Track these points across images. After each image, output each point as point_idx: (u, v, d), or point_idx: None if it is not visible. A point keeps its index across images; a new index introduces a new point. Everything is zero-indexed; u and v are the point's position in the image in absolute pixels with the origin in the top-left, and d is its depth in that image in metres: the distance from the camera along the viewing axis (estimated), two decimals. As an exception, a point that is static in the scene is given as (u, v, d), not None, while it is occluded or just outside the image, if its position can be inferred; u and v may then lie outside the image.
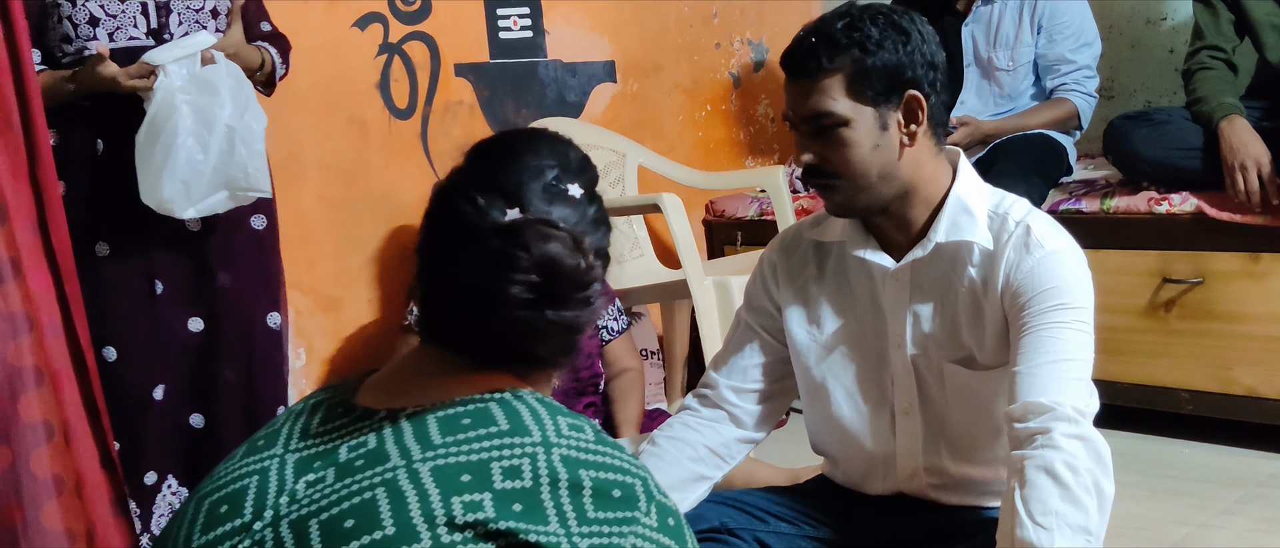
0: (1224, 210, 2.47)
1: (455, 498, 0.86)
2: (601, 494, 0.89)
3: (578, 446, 0.91)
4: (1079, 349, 1.30)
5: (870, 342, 1.46)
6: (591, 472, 0.90)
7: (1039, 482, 1.20)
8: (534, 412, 0.93)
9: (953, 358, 1.41)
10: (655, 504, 0.91)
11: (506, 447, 0.89)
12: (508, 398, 0.94)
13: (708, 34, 3.58)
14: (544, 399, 0.96)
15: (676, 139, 3.50)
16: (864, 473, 1.53)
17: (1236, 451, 2.53)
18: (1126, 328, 2.64)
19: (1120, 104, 3.33)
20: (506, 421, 0.91)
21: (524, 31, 3.15)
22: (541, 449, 0.89)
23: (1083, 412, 1.26)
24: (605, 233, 1.04)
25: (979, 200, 1.39)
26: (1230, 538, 2.09)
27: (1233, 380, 2.53)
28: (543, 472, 0.88)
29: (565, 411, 0.95)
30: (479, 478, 0.87)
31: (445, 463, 0.88)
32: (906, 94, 1.34)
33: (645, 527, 0.90)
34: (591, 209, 1.03)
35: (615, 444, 0.95)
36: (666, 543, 0.91)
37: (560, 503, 0.88)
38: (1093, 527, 1.19)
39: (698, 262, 2.64)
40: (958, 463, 1.45)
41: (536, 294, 0.92)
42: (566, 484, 0.88)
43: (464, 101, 3.04)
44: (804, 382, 1.53)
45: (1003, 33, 2.94)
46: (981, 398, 1.40)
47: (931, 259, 1.40)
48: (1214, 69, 2.56)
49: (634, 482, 0.91)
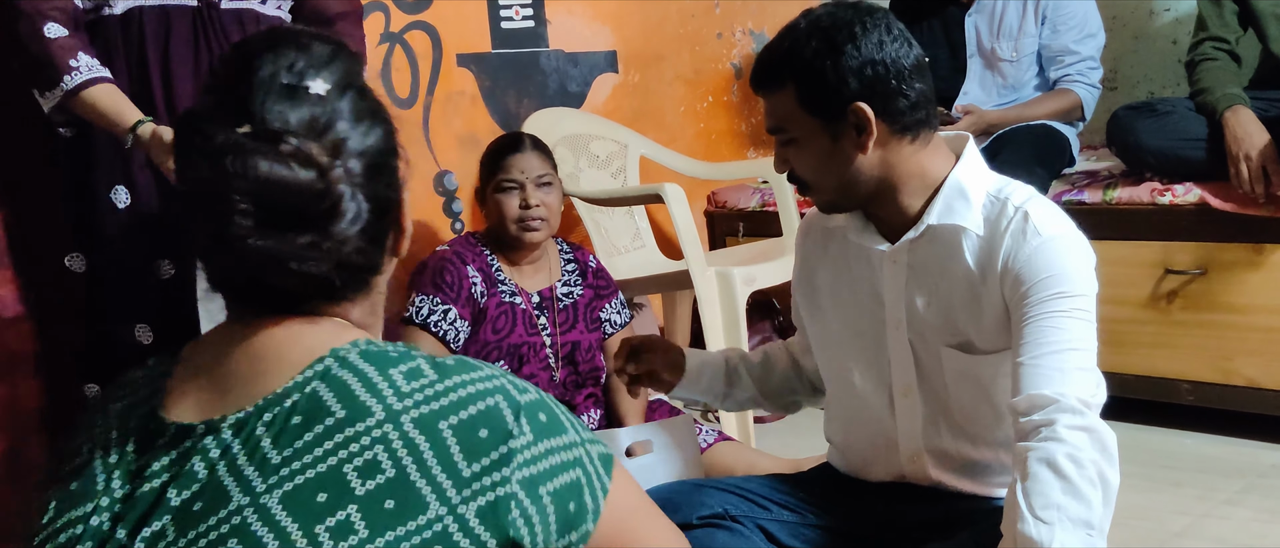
0: (1227, 201, 2.47)
1: (319, 527, 0.77)
2: (468, 443, 0.81)
3: (425, 397, 0.82)
4: (1081, 338, 1.30)
5: (869, 324, 1.48)
6: (450, 419, 0.81)
7: (1041, 475, 1.20)
8: (365, 379, 0.82)
9: (949, 342, 1.41)
10: (522, 413, 0.84)
11: (352, 440, 0.79)
12: (331, 369, 0.83)
13: (709, 25, 3.57)
14: (369, 350, 0.85)
15: (678, 130, 3.50)
16: (867, 457, 1.54)
17: (1238, 441, 2.53)
18: (1128, 319, 2.63)
19: (1123, 95, 3.33)
20: (341, 405, 0.80)
21: (526, 22, 3.14)
22: (390, 426, 0.80)
23: (1088, 403, 1.25)
24: (373, 127, 0.89)
25: (977, 185, 1.39)
26: (1231, 529, 2.09)
27: (1234, 372, 2.53)
28: (401, 452, 0.79)
29: (392, 355, 0.84)
30: (336, 492, 0.77)
31: (294, 486, 0.78)
32: (850, 108, 1.34)
33: (524, 453, 0.83)
34: (343, 103, 0.88)
35: (459, 363, 0.86)
36: (548, 451, 0.84)
37: (433, 477, 0.79)
38: (1095, 520, 1.19)
39: (699, 252, 2.64)
40: (959, 444, 1.45)
41: (261, 222, 0.81)
42: (430, 452, 0.80)
43: (465, 92, 3.04)
44: (820, 362, 1.59)
45: (1006, 23, 2.93)
46: (980, 382, 1.40)
47: (927, 242, 1.40)
48: (1217, 60, 2.56)
49: (494, 402, 0.83)
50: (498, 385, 0.85)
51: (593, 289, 2.54)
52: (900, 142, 1.37)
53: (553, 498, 0.84)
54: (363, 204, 0.86)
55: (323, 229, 0.84)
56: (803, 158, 1.40)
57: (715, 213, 3.47)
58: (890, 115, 1.35)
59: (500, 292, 2.40)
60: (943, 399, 1.44)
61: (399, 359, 0.84)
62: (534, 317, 2.43)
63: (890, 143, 1.37)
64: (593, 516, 0.87)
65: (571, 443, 0.87)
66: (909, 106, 1.36)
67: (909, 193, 1.39)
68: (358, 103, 0.89)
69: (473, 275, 2.35)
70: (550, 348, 2.44)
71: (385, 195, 0.89)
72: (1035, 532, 1.17)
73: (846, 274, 1.51)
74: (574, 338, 2.46)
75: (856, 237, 1.45)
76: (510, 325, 2.40)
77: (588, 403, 2.50)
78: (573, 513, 0.85)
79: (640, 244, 3.21)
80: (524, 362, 2.40)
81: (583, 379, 2.49)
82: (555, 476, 0.84)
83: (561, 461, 0.85)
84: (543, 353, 2.43)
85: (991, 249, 1.36)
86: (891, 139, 1.37)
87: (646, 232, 3.24)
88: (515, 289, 2.42)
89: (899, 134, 1.37)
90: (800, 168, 1.41)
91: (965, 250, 1.38)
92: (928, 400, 1.45)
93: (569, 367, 2.46)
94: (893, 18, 1.38)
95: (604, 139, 3.18)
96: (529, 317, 2.42)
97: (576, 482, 0.86)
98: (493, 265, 2.41)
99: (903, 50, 1.36)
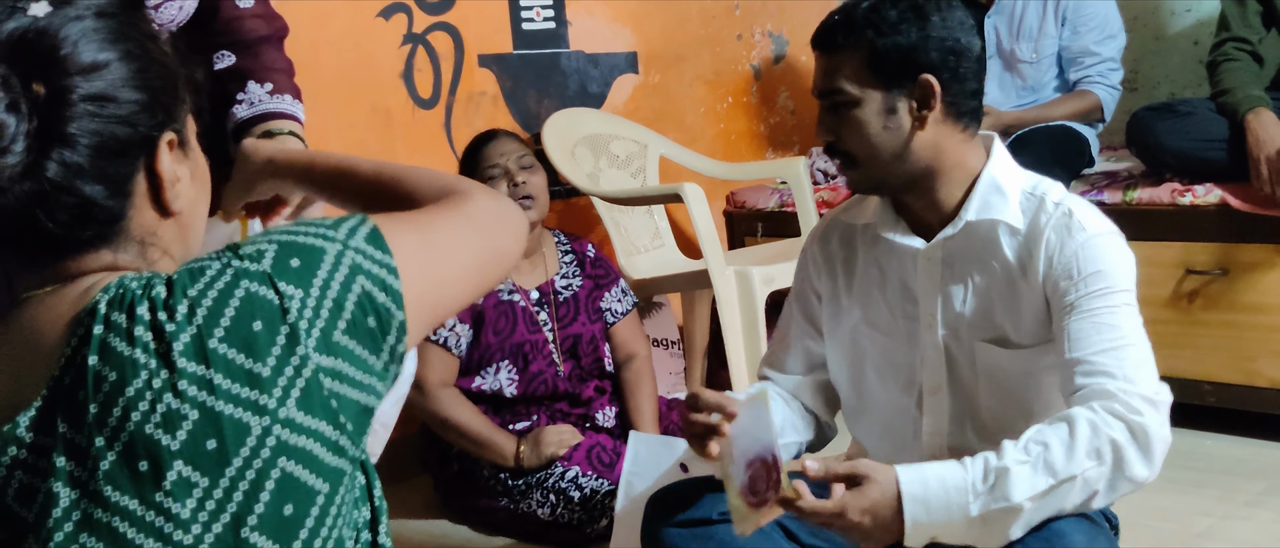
0: (1249, 202, 2.46)
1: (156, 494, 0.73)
2: (249, 344, 0.75)
3: (179, 324, 0.75)
4: (1135, 333, 1.31)
5: (900, 323, 1.47)
6: (217, 333, 0.75)
7: (1058, 424, 1.22)
8: (120, 331, 0.75)
9: (985, 337, 1.41)
10: (273, 278, 0.77)
11: (138, 399, 0.74)
12: (89, 326, 0.76)
13: (729, 26, 3.58)
14: (115, 295, 0.77)
15: (698, 131, 3.51)
16: (892, 456, 1.53)
17: (1260, 443, 2.53)
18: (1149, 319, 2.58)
19: (1143, 96, 3.32)
20: (110, 367, 0.74)
21: (547, 23, 3.16)
22: (165, 370, 0.74)
23: (1151, 399, 1.24)
24: (102, 53, 0.80)
25: (1012, 181, 1.40)
26: (1253, 530, 2.09)
27: (1256, 373, 2.52)
28: (191, 390, 0.74)
29: (133, 290, 0.77)
30: (153, 455, 0.73)
31: (109, 464, 0.73)
32: (919, 78, 1.34)
33: (304, 314, 0.77)
34: (71, 27, 0.80)
35: (188, 272, 0.79)
36: (323, 289, 0.79)
37: (235, 396, 0.75)
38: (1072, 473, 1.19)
39: (719, 252, 2.64)
40: (983, 445, 1.44)
41: None
42: (222, 375, 0.74)
43: (487, 92, 3.06)
44: (837, 365, 1.55)
45: (1026, 25, 2.93)
46: (1012, 377, 1.40)
47: (963, 238, 1.40)
48: (1239, 61, 2.55)
49: (243, 288, 0.77)
50: (236, 271, 0.78)
51: (592, 279, 2.55)
52: (954, 127, 1.37)
53: (349, 332, 0.79)
54: (51, 136, 0.77)
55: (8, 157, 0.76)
56: (850, 127, 1.37)
57: (734, 213, 3.47)
58: (954, 97, 1.36)
59: (497, 291, 2.41)
60: (972, 399, 1.44)
61: (142, 295, 0.77)
62: (534, 313, 2.44)
63: (945, 126, 1.37)
64: (396, 304, 0.81)
65: (337, 257, 0.80)
66: (971, 93, 1.37)
67: (950, 183, 1.39)
68: (86, 27, 0.80)
69: None
70: (553, 343, 2.45)
71: (111, 132, 0.80)
72: (1008, 452, 1.21)
73: (875, 272, 1.49)
74: (576, 331, 2.47)
75: (889, 233, 1.44)
76: (511, 326, 2.41)
77: (598, 397, 2.50)
78: (375, 327, 0.80)
79: (660, 244, 3.22)
80: (529, 360, 2.41)
81: (587, 372, 2.50)
82: (343, 308, 0.79)
83: (340, 283, 0.79)
84: (547, 349, 2.44)
85: (1032, 245, 1.36)
86: (947, 122, 1.37)
87: (666, 231, 3.25)
88: (512, 287, 2.44)
89: (955, 119, 1.37)
90: (846, 137, 1.38)
91: (1005, 246, 1.38)
92: (956, 400, 1.45)
93: (572, 360, 2.47)
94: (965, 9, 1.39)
95: (624, 139, 3.19)
96: (529, 314, 2.44)
97: (364, 292, 0.80)
98: None
99: (975, 39, 1.37)
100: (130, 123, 0.81)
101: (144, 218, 0.85)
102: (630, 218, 3.14)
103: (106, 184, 0.81)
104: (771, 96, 3.70)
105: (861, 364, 1.51)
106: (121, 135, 0.81)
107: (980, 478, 1.21)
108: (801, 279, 1.58)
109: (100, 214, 0.81)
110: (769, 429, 1.24)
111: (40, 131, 0.78)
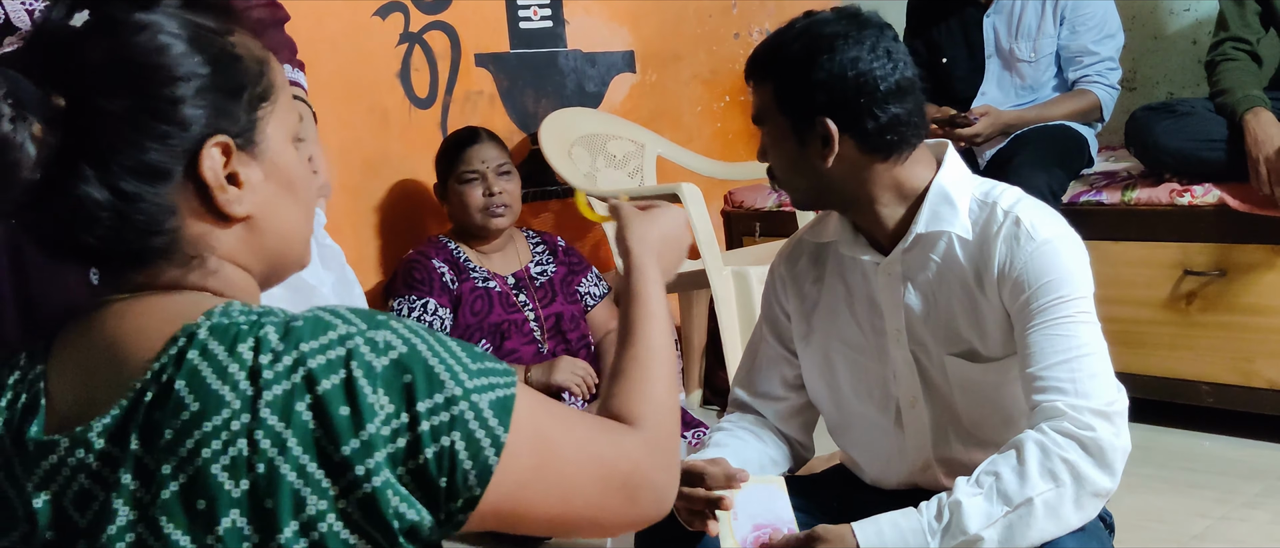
0: (1247, 203, 2.45)
1: (209, 537, 0.71)
2: (330, 422, 0.72)
3: (276, 375, 0.73)
4: (1089, 342, 1.30)
5: (870, 338, 1.46)
6: (307, 400, 0.73)
7: (1007, 452, 1.26)
8: (214, 362, 0.73)
9: (953, 351, 1.40)
10: (377, 380, 0.74)
11: (212, 436, 0.72)
12: (183, 351, 0.74)
13: (727, 25, 3.57)
14: (218, 323, 0.75)
15: (695, 130, 3.50)
16: (880, 469, 1.53)
17: (1257, 443, 2.52)
18: (1147, 320, 2.62)
19: (1142, 95, 3.31)
20: (194, 396, 0.72)
21: (544, 22, 3.15)
22: (247, 416, 0.72)
23: (1102, 412, 1.26)
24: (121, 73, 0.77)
25: (962, 190, 1.38)
26: (1250, 531, 2.08)
27: (1254, 373, 2.51)
28: (265, 444, 0.72)
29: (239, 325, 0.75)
30: (212, 497, 0.71)
31: (170, 494, 0.72)
32: (816, 120, 1.33)
33: (383, 430, 0.73)
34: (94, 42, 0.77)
35: (311, 323, 0.76)
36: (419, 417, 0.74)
37: (303, 468, 0.72)
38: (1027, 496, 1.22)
39: (716, 252, 2.64)
40: (970, 451, 1.44)
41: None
42: (296, 441, 0.72)
43: (484, 91, 3.05)
44: (815, 383, 1.53)
45: (1025, 24, 2.92)
46: (986, 388, 1.40)
47: (918, 251, 1.39)
48: (1238, 61, 2.55)
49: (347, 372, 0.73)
50: (352, 349, 0.74)
51: (566, 265, 2.63)
52: (871, 159, 1.35)
53: (414, 477, 0.74)
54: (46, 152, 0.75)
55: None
56: (774, 154, 1.40)
57: (732, 213, 3.47)
58: (858, 134, 1.33)
59: (473, 279, 2.48)
60: (951, 408, 1.43)
61: (247, 332, 0.74)
62: (512, 296, 2.50)
63: (859, 159, 1.34)
64: (478, 480, 0.76)
65: (448, 400, 0.75)
66: (877, 129, 1.32)
67: (884, 204, 1.38)
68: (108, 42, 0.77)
69: (440, 268, 2.44)
70: (535, 322, 2.49)
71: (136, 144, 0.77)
72: (961, 489, 1.24)
73: (841, 289, 1.48)
74: (557, 310, 2.54)
75: (847, 249, 1.43)
76: (488, 306, 2.47)
77: None
78: (444, 488, 0.75)
79: (657, 244, 3.22)
80: (505, 337, 2.46)
81: (573, 349, 2.54)
82: (420, 450, 0.74)
83: (433, 426, 0.74)
84: (527, 328, 2.49)
85: (985, 255, 1.35)
86: (860, 157, 1.34)
87: (663, 231, 3.24)
88: (488, 274, 2.51)
89: (868, 153, 1.34)
90: (774, 162, 1.42)
91: (959, 257, 1.37)
92: (935, 410, 1.44)
93: (557, 337, 2.52)
94: (889, 34, 1.35)
95: (621, 139, 3.19)
96: (506, 296, 2.50)
97: (448, 450, 0.75)
98: (460, 257, 2.48)
99: (884, 69, 1.31)
100: (160, 136, 0.78)
101: (196, 228, 0.81)
102: (627, 217, 3.13)
103: (135, 198, 0.78)
104: (769, 96, 3.69)
105: (837, 381, 1.50)
106: (150, 147, 0.77)
107: (934, 516, 1.24)
108: (770, 300, 1.57)
109: (138, 226, 0.78)
110: (786, 507, 1.30)
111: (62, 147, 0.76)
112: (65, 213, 0.77)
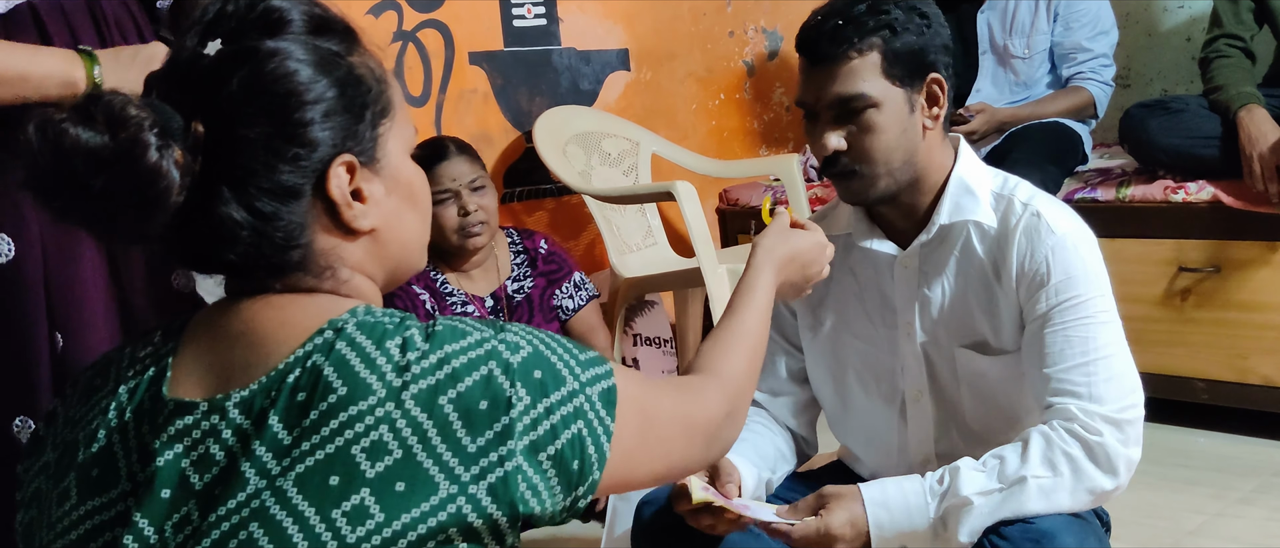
0: (1241, 200, 2.46)
1: (335, 511, 0.76)
2: (469, 417, 0.79)
3: (422, 370, 0.80)
4: (1107, 343, 1.30)
5: (880, 331, 1.46)
6: (449, 394, 0.79)
7: (1014, 442, 1.27)
8: (363, 353, 0.80)
9: (964, 343, 1.40)
10: (515, 375, 0.82)
11: (356, 419, 0.78)
12: (330, 341, 0.81)
13: (721, 22, 3.57)
14: (365, 320, 0.82)
15: (690, 128, 3.50)
16: (880, 462, 1.53)
17: (1252, 440, 2.53)
18: (1142, 317, 2.63)
19: (1136, 92, 3.32)
20: (342, 382, 0.79)
21: (538, 20, 3.15)
22: (392, 404, 0.78)
23: (1112, 419, 1.27)
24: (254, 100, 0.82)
25: (981, 181, 1.38)
26: (1245, 527, 2.09)
27: (1249, 370, 2.52)
28: (406, 432, 0.78)
29: (387, 326, 0.82)
30: (347, 474, 0.77)
31: (305, 469, 0.77)
32: (928, 77, 1.33)
33: (524, 420, 0.81)
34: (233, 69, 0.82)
35: (449, 329, 0.83)
36: (548, 410, 0.82)
37: (439, 456, 0.78)
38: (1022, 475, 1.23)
39: (711, 250, 2.64)
40: (971, 449, 1.44)
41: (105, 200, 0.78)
42: (436, 431, 0.78)
43: (478, 90, 3.05)
44: (819, 375, 1.53)
45: (1019, 20, 2.92)
46: (993, 383, 1.40)
47: (938, 242, 1.39)
48: (1232, 57, 2.55)
49: (489, 370, 0.81)
50: (490, 350, 0.82)
51: (544, 277, 2.49)
52: (941, 130, 1.37)
53: (553, 461, 0.82)
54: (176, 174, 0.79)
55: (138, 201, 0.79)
56: (869, 132, 1.31)
57: (727, 211, 3.47)
58: (944, 95, 1.35)
59: (451, 304, 2.37)
60: (955, 404, 1.43)
61: (394, 331, 0.81)
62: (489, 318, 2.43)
63: (938, 126, 1.36)
64: (598, 464, 0.85)
65: (571, 393, 0.84)
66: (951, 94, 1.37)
67: (925, 185, 1.38)
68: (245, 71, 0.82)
69: (420, 293, 2.33)
70: None
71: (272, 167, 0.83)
72: (966, 462, 1.27)
73: (850, 281, 1.47)
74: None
75: (865, 241, 1.43)
76: None
77: None
78: (577, 470, 0.84)
79: (652, 242, 3.22)
80: None
81: None
82: (557, 436, 0.82)
83: (563, 416, 0.83)
84: None
85: (1004, 247, 1.35)
86: (939, 123, 1.36)
87: (658, 229, 3.24)
88: (465, 298, 2.39)
89: (943, 120, 1.37)
90: (863, 143, 1.32)
91: (978, 248, 1.37)
92: (939, 406, 1.44)
93: None
94: None
95: (616, 137, 3.18)
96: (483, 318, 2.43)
97: (578, 436, 0.84)
98: (438, 280, 2.37)
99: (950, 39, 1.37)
100: (292, 158, 0.83)
101: (325, 241, 0.87)
102: (622, 216, 3.13)
103: (272, 216, 0.83)
104: (765, 93, 3.69)
105: (843, 373, 1.50)
106: (283, 168, 0.83)
107: (936, 480, 1.27)
108: None
109: (276, 242, 0.84)
110: None
111: (203, 171, 0.81)
112: (208, 232, 0.83)
